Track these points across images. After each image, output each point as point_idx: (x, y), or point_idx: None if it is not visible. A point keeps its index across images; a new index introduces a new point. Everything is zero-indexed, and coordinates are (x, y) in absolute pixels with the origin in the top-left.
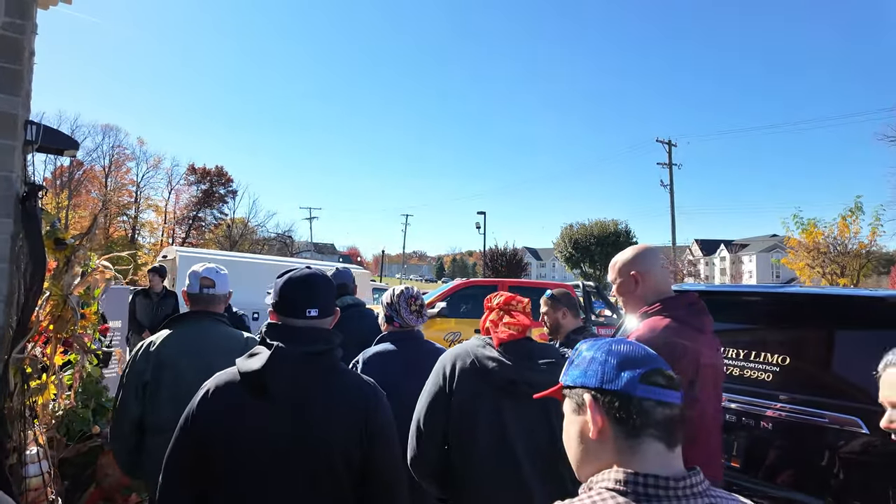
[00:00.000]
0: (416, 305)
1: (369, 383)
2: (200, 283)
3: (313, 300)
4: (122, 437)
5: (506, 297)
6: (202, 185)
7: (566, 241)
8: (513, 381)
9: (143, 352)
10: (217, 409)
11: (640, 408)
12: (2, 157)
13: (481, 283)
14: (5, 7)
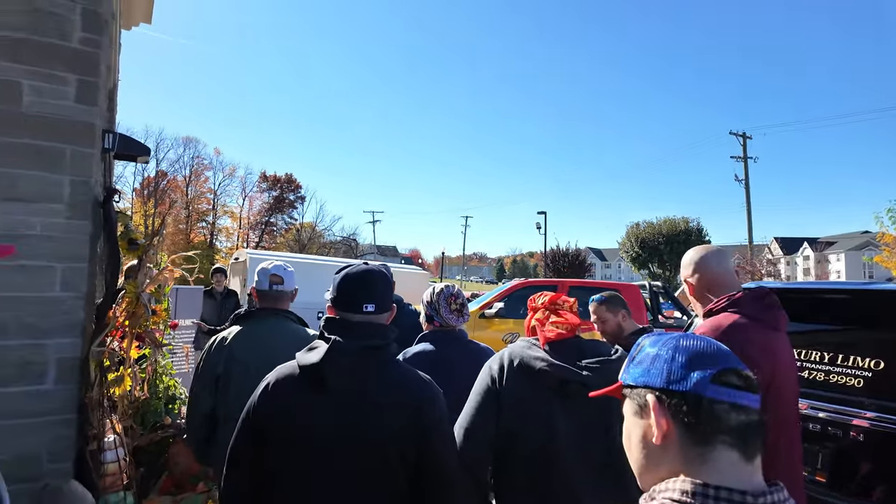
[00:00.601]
0: (457, 304)
1: (425, 379)
2: (270, 280)
3: (370, 295)
4: (195, 428)
5: (551, 296)
6: (273, 192)
7: (632, 240)
8: (563, 381)
9: (217, 346)
10: (277, 401)
11: (712, 411)
12: (81, 164)
13: (540, 283)
14: (81, 23)
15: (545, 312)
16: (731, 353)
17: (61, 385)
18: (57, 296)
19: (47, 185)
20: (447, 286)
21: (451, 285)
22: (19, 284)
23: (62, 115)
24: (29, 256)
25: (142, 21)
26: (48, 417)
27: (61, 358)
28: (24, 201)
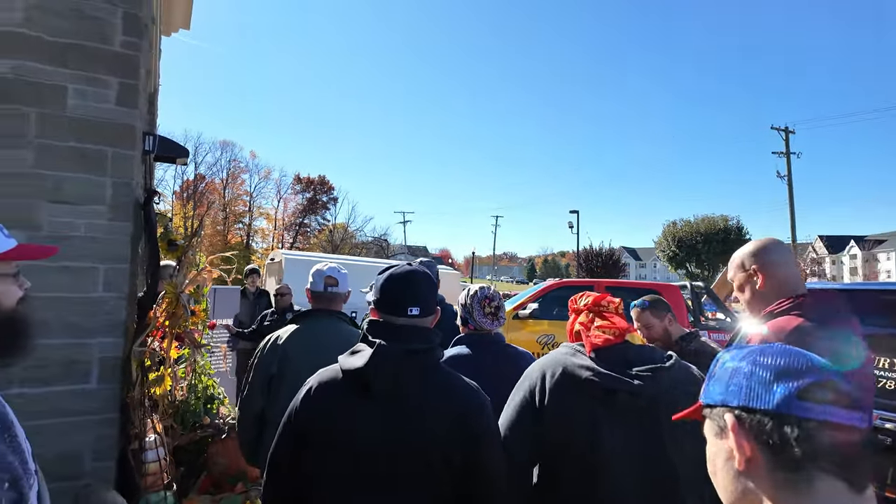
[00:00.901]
0: (491, 307)
1: (471, 385)
2: (325, 282)
3: (415, 298)
4: (247, 428)
5: (594, 297)
6: (307, 194)
7: (669, 239)
8: (611, 392)
9: (271, 345)
10: (319, 405)
11: (802, 432)
12: (122, 166)
13: (575, 284)
14: (122, 27)
15: (589, 315)
16: (826, 364)
17: (104, 384)
18: (100, 296)
19: (91, 187)
20: (482, 288)
21: (487, 287)
22: (64, 285)
23: (104, 118)
24: (73, 257)
25: (181, 27)
26: (91, 416)
27: (104, 357)
28: (69, 203)
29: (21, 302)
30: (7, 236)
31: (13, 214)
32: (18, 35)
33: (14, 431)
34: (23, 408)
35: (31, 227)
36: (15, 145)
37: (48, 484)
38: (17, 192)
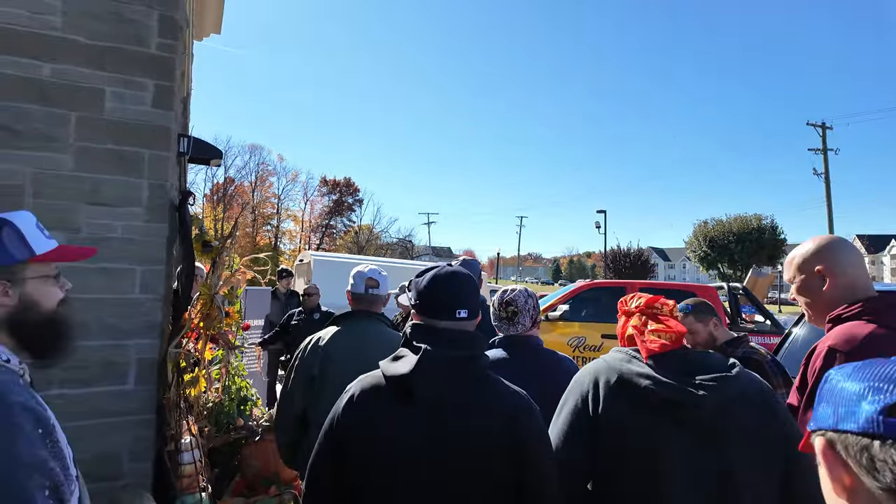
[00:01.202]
0: (507, 312)
1: (521, 393)
2: (366, 284)
3: (463, 300)
4: (286, 429)
5: (647, 298)
6: (333, 196)
7: (700, 239)
8: (673, 402)
9: (313, 346)
10: (361, 412)
11: (889, 454)
12: (158, 167)
13: (607, 285)
14: (158, 29)
15: (642, 318)
16: None
17: (141, 385)
18: (137, 297)
19: (128, 189)
20: (503, 290)
21: (508, 290)
22: (101, 286)
23: (140, 120)
24: (111, 259)
25: (212, 31)
26: (129, 417)
27: (141, 359)
28: (107, 205)
29: (62, 303)
30: (48, 237)
31: (53, 217)
32: (58, 39)
33: (56, 437)
34: (63, 409)
35: (71, 229)
36: (56, 149)
37: (87, 485)
38: (57, 194)
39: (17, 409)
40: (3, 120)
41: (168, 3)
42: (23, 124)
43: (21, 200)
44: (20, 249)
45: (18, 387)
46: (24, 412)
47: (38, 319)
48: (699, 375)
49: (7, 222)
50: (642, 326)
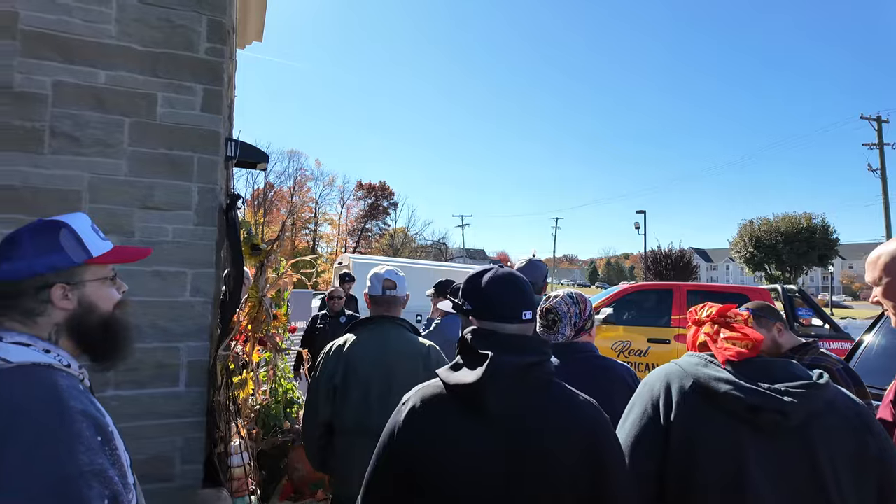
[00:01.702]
0: (547, 320)
1: (591, 401)
2: (383, 285)
3: (527, 302)
4: (313, 437)
5: (719, 308)
6: (368, 200)
7: (746, 239)
8: (756, 408)
9: (334, 353)
10: (425, 426)
11: None
12: (207, 171)
13: (652, 288)
14: (207, 34)
15: (714, 326)
16: None
17: (192, 387)
18: (187, 300)
19: (178, 193)
20: (546, 297)
21: (550, 295)
22: (154, 289)
23: (190, 125)
24: (163, 262)
25: (254, 39)
26: (181, 419)
27: (192, 361)
28: (159, 209)
29: (119, 306)
30: (103, 239)
31: (108, 221)
32: (113, 47)
33: (114, 444)
34: (118, 410)
35: (124, 233)
36: (111, 154)
37: (143, 486)
38: (112, 199)
39: (78, 416)
40: (64, 127)
41: (216, 8)
42: (81, 131)
43: (79, 206)
44: (77, 252)
45: (78, 392)
46: (84, 419)
47: (96, 322)
48: (782, 381)
49: (64, 224)
50: (715, 335)
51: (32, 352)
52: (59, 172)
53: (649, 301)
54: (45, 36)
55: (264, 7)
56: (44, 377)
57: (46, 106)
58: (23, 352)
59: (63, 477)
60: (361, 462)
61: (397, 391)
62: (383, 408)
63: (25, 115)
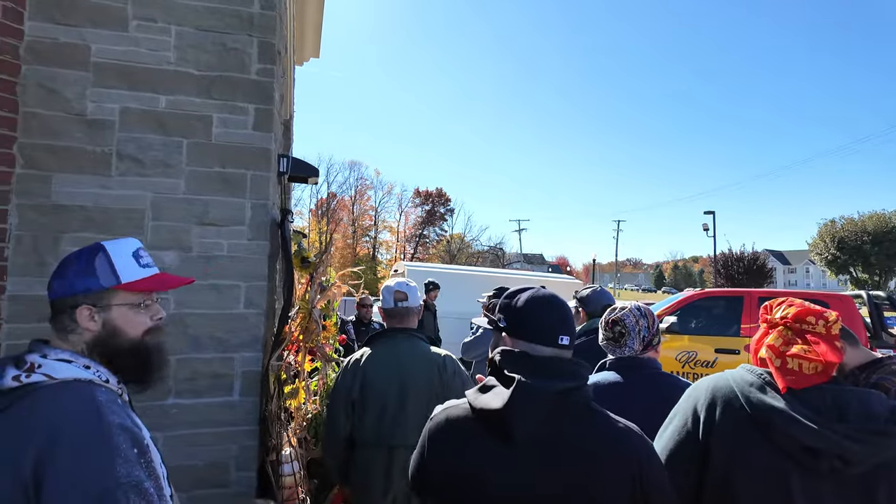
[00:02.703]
0: (613, 332)
1: (634, 429)
2: (394, 297)
3: (566, 326)
4: (335, 451)
5: (800, 308)
6: (425, 206)
7: (827, 240)
8: (812, 451)
9: (351, 368)
10: (448, 447)
11: None
12: (260, 187)
13: (721, 294)
14: (258, 56)
15: (786, 333)
16: None
17: (246, 397)
18: (241, 312)
19: (232, 210)
20: (612, 308)
21: (616, 307)
22: (211, 302)
23: (243, 143)
24: (219, 276)
25: (311, 56)
26: (235, 427)
27: (246, 371)
28: (215, 225)
29: (150, 332)
30: (143, 266)
31: (169, 238)
32: (172, 72)
33: (150, 456)
34: (178, 417)
35: (183, 248)
36: (171, 174)
37: (200, 491)
38: (172, 216)
39: (116, 430)
40: (129, 150)
41: (266, 30)
42: (144, 153)
43: (142, 223)
44: (107, 276)
45: (117, 406)
46: (121, 432)
47: (121, 346)
48: (854, 420)
49: (101, 249)
50: (782, 346)
51: (74, 368)
52: (125, 193)
53: (717, 309)
54: (113, 66)
55: (320, 26)
56: (84, 392)
57: (114, 131)
58: (66, 368)
59: (103, 489)
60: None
61: (413, 403)
62: (399, 421)
63: (96, 141)
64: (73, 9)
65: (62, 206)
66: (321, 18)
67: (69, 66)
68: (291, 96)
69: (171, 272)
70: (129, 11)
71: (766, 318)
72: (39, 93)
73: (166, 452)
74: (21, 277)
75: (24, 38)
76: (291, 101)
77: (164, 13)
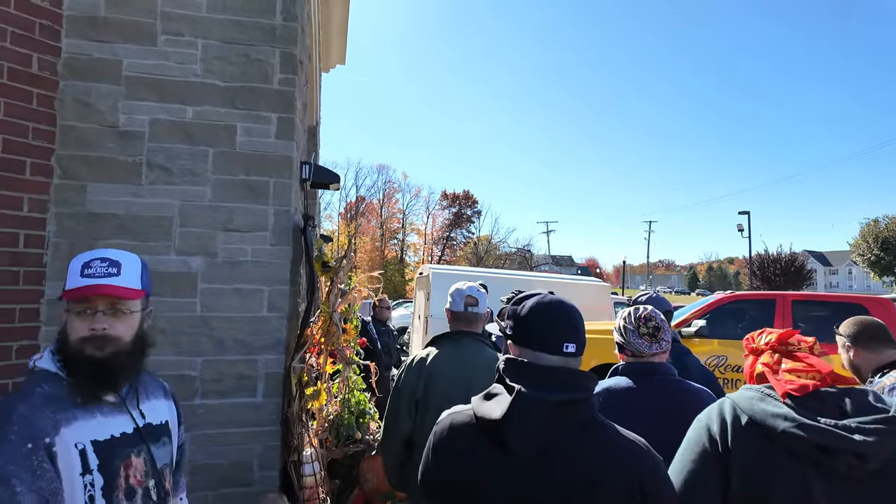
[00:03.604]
0: (648, 328)
1: (640, 443)
2: (465, 302)
3: (573, 332)
4: (393, 451)
5: (779, 334)
6: (452, 209)
7: (870, 240)
8: (825, 449)
9: (417, 365)
10: (450, 452)
11: None
12: (282, 194)
13: (752, 298)
14: (280, 66)
15: (774, 355)
16: None
17: (269, 398)
18: (265, 316)
19: (256, 216)
20: (636, 307)
21: (645, 307)
22: (236, 306)
23: (266, 151)
24: (244, 281)
25: (337, 62)
26: (259, 428)
27: (269, 373)
28: (239, 231)
29: (84, 341)
30: (83, 276)
31: (196, 244)
32: (199, 84)
33: (49, 459)
34: (205, 417)
35: (209, 254)
36: (197, 182)
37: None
38: (198, 223)
39: (16, 420)
40: (159, 160)
41: (288, 41)
42: (172, 162)
43: (171, 230)
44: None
45: (45, 401)
46: (22, 425)
47: (65, 349)
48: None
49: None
50: (775, 365)
51: (47, 359)
52: (155, 201)
53: (749, 312)
54: (144, 79)
55: (345, 34)
56: (29, 381)
57: (144, 142)
58: (44, 358)
59: None
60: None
61: None
62: None
63: (127, 151)
64: (106, 26)
65: (96, 213)
66: (346, 26)
67: (103, 80)
68: (317, 103)
69: (198, 277)
70: (159, 27)
71: (752, 347)
72: (76, 107)
73: (194, 451)
74: (59, 282)
75: (61, 55)
76: (317, 107)
77: (191, 27)
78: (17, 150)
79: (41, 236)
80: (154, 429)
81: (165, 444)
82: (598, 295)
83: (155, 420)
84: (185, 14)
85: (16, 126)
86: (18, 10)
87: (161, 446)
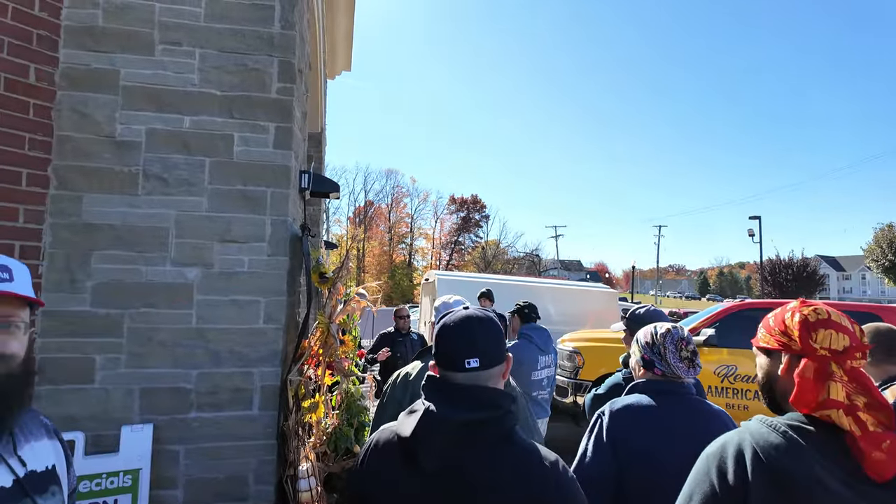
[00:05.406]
0: (688, 352)
1: (551, 462)
2: None
3: (472, 348)
4: None
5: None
6: (461, 213)
7: (884, 245)
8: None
9: (402, 381)
10: (372, 467)
11: None
12: (280, 204)
13: (763, 306)
14: (278, 75)
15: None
16: None
17: (265, 411)
18: (261, 327)
19: (253, 226)
20: (674, 328)
21: (678, 327)
22: (232, 317)
23: (264, 161)
24: (240, 292)
25: (343, 69)
26: (255, 441)
27: (265, 385)
28: (236, 242)
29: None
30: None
31: (192, 254)
32: (196, 94)
33: None
34: (199, 430)
35: (206, 264)
36: (194, 192)
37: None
38: (195, 234)
39: None
40: (156, 170)
41: (286, 50)
42: (169, 172)
43: (167, 241)
44: None
45: None
46: None
47: None
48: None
49: None
50: (865, 415)
51: None
52: (151, 211)
53: (759, 321)
54: (141, 89)
55: (350, 41)
56: None
57: (140, 152)
58: None
59: None
60: None
61: None
62: None
63: (124, 161)
64: (104, 36)
65: (92, 224)
66: (352, 33)
67: (100, 90)
68: (322, 109)
69: (194, 288)
70: (156, 36)
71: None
72: (73, 117)
73: (189, 465)
74: (54, 294)
75: (59, 65)
76: (322, 114)
77: (188, 36)
78: (13, 160)
79: (37, 247)
80: (39, 477)
81: (55, 494)
82: (606, 302)
83: (39, 466)
84: (183, 23)
85: (12, 137)
86: (16, 20)
87: (49, 497)
